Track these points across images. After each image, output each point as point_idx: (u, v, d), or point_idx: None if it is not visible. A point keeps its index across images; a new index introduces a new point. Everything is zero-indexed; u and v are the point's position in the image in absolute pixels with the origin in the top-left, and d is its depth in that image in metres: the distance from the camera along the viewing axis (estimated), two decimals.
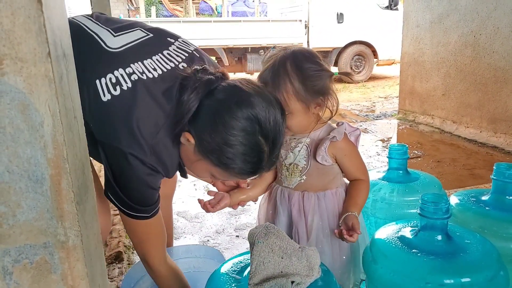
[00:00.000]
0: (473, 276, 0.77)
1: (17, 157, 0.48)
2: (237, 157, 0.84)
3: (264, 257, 0.74)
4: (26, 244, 0.51)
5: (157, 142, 0.86)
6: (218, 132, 0.83)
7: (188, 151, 0.91)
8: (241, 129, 0.83)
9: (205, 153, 0.86)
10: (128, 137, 0.83)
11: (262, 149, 0.85)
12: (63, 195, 0.51)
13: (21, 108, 0.47)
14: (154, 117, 0.86)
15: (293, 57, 0.99)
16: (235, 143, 0.83)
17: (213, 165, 0.88)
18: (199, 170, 0.95)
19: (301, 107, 1.00)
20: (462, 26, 3.57)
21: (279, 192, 1.12)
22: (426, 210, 0.84)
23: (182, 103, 0.86)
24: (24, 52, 0.45)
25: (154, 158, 0.86)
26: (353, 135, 1.07)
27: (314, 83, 0.99)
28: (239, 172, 0.87)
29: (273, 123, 0.86)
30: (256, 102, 0.84)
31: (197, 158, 0.90)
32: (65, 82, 0.52)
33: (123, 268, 1.61)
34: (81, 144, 0.58)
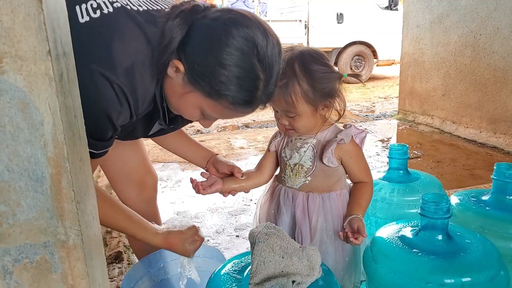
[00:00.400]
0: (474, 276, 0.77)
1: (17, 156, 0.48)
2: (231, 81, 0.78)
3: (265, 256, 0.74)
4: (26, 243, 0.51)
5: (133, 67, 0.79)
6: (212, 50, 0.77)
7: (176, 84, 0.84)
8: (236, 48, 0.77)
9: (196, 79, 0.80)
10: (101, 55, 0.77)
11: (257, 75, 0.80)
12: (64, 194, 0.51)
13: (21, 106, 0.47)
14: (134, 41, 0.80)
15: (301, 58, 0.97)
16: (230, 64, 0.77)
17: (204, 96, 0.82)
18: (187, 106, 0.87)
19: (309, 109, 0.99)
20: (462, 26, 3.57)
21: (283, 192, 1.11)
22: (427, 210, 0.84)
23: (167, 30, 0.80)
24: (24, 50, 0.45)
25: (125, 81, 0.79)
26: (358, 137, 1.07)
27: (323, 85, 0.97)
28: (232, 101, 0.81)
29: (270, 50, 0.81)
30: (253, 25, 0.79)
31: (186, 90, 0.83)
32: (65, 81, 0.52)
33: (123, 268, 1.61)
34: (82, 143, 0.58)
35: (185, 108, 0.89)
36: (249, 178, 1.15)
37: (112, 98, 0.78)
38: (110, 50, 0.77)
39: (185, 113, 0.91)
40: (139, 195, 1.28)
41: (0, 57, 0.45)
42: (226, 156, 3.27)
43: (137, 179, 1.27)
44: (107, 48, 0.77)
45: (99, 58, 0.76)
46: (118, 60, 0.78)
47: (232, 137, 3.96)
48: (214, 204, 2.32)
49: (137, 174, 1.27)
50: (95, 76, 0.75)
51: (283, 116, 1.02)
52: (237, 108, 0.84)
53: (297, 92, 0.96)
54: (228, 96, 0.80)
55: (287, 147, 1.11)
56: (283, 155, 1.12)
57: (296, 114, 0.99)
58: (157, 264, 1.16)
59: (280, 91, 0.95)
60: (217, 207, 2.29)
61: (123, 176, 1.26)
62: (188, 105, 0.87)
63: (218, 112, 0.86)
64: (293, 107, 0.97)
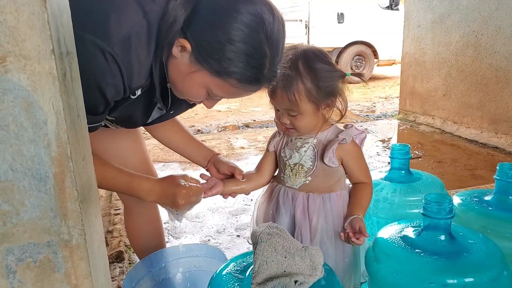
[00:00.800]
0: (477, 276, 0.77)
1: (20, 155, 0.48)
2: (240, 58, 0.78)
3: (267, 256, 0.73)
4: (30, 242, 0.51)
5: (129, 39, 0.78)
6: (220, 27, 0.77)
7: (181, 64, 0.84)
8: (245, 24, 0.77)
9: (204, 57, 0.80)
10: (95, 24, 0.76)
11: (265, 51, 0.80)
12: (67, 194, 0.51)
13: (25, 105, 0.47)
14: (131, 12, 0.80)
15: (304, 57, 0.97)
16: (239, 40, 0.77)
17: (211, 75, 0.81)
18: (192, 86, 0.86)
19: (312, 108, 0.98)
20: (463, 26, 3.57)
21: (282, 192, 1.10)
22: (429, 210, 0.84)
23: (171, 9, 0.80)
24: (28, 49, 0.45)
25: (120, 52, 0.77)
26: (358, 138, 1.06)
27: (326, 84, 0.97)
28: (240, 79, 0.81)
29: (276, 27, 0.81)
30: (259, 1, 0.80)
31: (192, 70, 0.83)
32: (68, 80, 0.52)
33: (124, 268, 1.61)
34: (85, 143, 0.58)
35: (190, 88, 0.87)
36: (250, 180, 1.14)
37: (104, 68, 0.77)
38: (106, 19, 0.76)
39: (190, 94, 0.90)
40: None
41: (4, 56, 0.45)
42: (226, 156, 3.27)
43: None
44: (102, 17, 0.76)
45: (93, 26, 0.75)
46: (114, 29, 0.77)
47: (233, 137, 3.96)
48: (214, 204, 2.32)
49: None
50: (87, 44, 0.74)
51: (284, 115, 1.02)
52: (244, 86, 0.84)
53: (300, 91, 0.95)
54: (236, 73, 0.80)
55: (287, 147, 1.10)
56: (283, 155, 1.11)
57: (298, 112, 0.98)
58: (158, 264, 1.16)
59: (283, 89, 0.95)
60: (217, 207, 2.29)
61: None
62: (194, 85, 0.86)
63: (225, 91, 0.86)
64: (296, 105, 0.97)
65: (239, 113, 5.37)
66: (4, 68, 0.45)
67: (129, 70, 0.81)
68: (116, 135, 1.18)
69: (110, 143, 1.19)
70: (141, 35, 0.81)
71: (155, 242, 1.33)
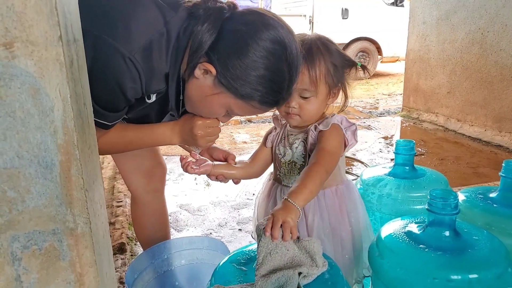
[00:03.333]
0: (481, 273, 0.77)
1: (27, 142, 0.48)
2: (263, 84, 0.83)
3: (271, 249, 0.73)
4: (35, 230, 0.51)
5: (151, 45, 0.82)
6: (247, 55, 0.80)
7: (203, 86, 0.87)
8: (269, 52, 0.81)
9: (229, 82, 0.83)
10: (117, 28, 0.78)
11: (285, 76, 0.85)
12: (73, 182, 0.51)
13: (32, 92, 0.46)
14: (153, 19, 0.83)
15: (321, 40, 0.99)
16: (262, 67, 0.81)
17: (234, 97, 0.86)
18: (213, 105, 0.90)
19: (325, 91, 0.99)
20: (469, 23, 3.54)
21: (279, 191, 1.09)
22: (434, 205, 0.83)
23: (196, 33, 0.83)
24: (36, 35, 0.45)
25: (140, 58, 0.81)
26: (349, 130, 1.03)
27: (342, 69, 0.99)
28: (260, 101, 0.86)
29: (295, 50, 0.85)
30: (279, 26, 0.84)
31: (215, 92, 0.87)
32: (75, 67, 0.51)
33: (126, 259, 1.62)
34: (90, 131, 0.58)
35: (210, 107, 0.91)
36: (243, 166, 1.12)
37: (124, 71, 0.80)
38: (128, 25, 0.79)
39: (209, 112, 0.94)
40: (147, 185, 1.28)
41: (11, 42, 0.44)
42: (228, 150, 3.27)
43: (146, 169, 1.28)
44: (124, 22, 0.79)
45: (115, 31, 0.78)
46: (135, 36, 0.80)
47: (235, 131, 3.96)
48: (216, 198, 2.32)
49: (146, 164, 1.28)
50: (109, 48, 0.77)
51: (295, 98, 0.97)
52: (264, 107, 0.89)
53: (322, 69, 0.96)
54: (258, 96, 0.85)
55: (281, 144, 1.09)
56: (277, 152, 1.09)
57: (312, 94, 0.97)
58: (161, 256, 1.16)
59: (306, 65, 0.95)
60: (219, 200, 2.29)
61: (132, 165, 1.26)
62: (215, 104, 0.90)
63: (245, 111, 0.91)
64: (314, 85, 0.96)
65: None
66: (12, 53, 0.44)
67: (148, 75, 0.84)
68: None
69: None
70: (161, 43, 0.84)
71: (160, 233, 1.33)
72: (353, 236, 1.08)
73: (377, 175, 1.29)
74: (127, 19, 0.79)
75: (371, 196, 1.24)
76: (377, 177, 1.28)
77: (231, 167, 1.09)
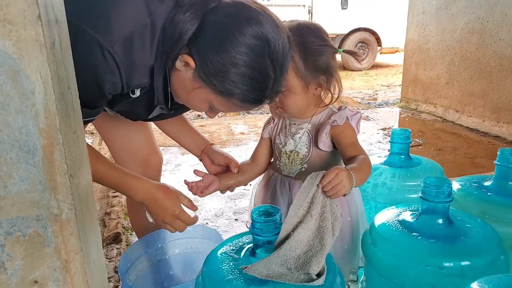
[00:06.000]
0: (473, 260, 0.76)
1: (7, 126, 0.47)
2: (244, 82, 0.79)
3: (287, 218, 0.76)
4: (19, 216, 0.50)
5: (132, 37, 0.77)
6: (226, 50, 0.76)
7: (185, 78, 0.84)
8: (250, 47, 0.76)
9: (208, 77, 0.80)
10: (97, 19, 0.74)
11: (269, 74, 0.80)
12: (56, 167, 0.50)
13: (11, 74, 0.45)
14: (135, 9, 0.78)
15: (297, 30, 0.94)
16: (243, 64, 0.77)
17: (214, 93, 0.82)
18: (196, 100, 0.87)
19: (300, 84, 0.95)
20: (469, 12, 3.51)
21: (279, 181, 1.09)
22: (428, 193, 0.83)
23: (178, 22, 0.78)
24: (13, 14, 0.43)
25: (120, 50, 0.76)
26: (354, 119, 1.02)
27: (315, 58, 0.94)
28: (242, 100, 0.82)
29: (281, 47, 0.80)
30: (265, 21, 0.78)
31: (196, 86, 0.83)
32: (57, 49, 0.50)
33: (121, 249, 1.62)
34: (75, 116, 0.56)
35: (193, 101, 0.89)
36: (245, 171, 1.13)
37: (102, 64, 0.76)
38: (108, 15, 0.75)
39: (193, 105, 0.92)
40: (143, 174, 1.26)
41: None
42: (226, 141, 3.26)
43: (142, 158, 1.26)
44: (104, 13, 0.75)
45: (95, 21, 0.74)
46: (115, 27, 0.75)
47: (233, 122, 3.95)
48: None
49: (142, 153, 1.26)
50: (87, 39, 0.73)
51: None
52: (246, 105, 0.85)
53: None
54: (239, 94, 0.81)
55: (281, 133, 1.07)
56: (278, 141, 1.08)
57: (286, 88, 0.95)
58: (154, 245, 1.15)
59: None
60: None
61: (128, 154, 1.25)
62: (197, 99, 0.87)
63: (226, 107, 0.87)
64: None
65: None
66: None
67: (128, 68, 0.80)
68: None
69: (116, 121, 1.18)
70: (144, 35, 0.80)
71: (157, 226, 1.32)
72: (352, 227, 1.08)
73: (373, 164, 1.27)
74: (108, 9, 0.75)
75: (366, 185, 1.24)
76: (372, 166, 1.27)
77: (235, 176, 1.10)
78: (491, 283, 0.58)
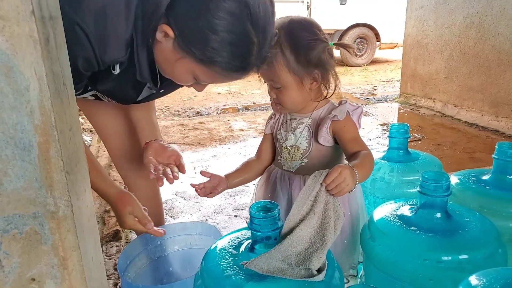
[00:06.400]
0: (471, 254, 0.77)
1: (2, 123, 0.46)
2: (224, 48, 0.75)
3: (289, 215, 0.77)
4: (15, 213, 0.50)
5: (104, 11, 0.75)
6: (202, 15, 0.73)
7: (166, 50, 0.81)
8: (228, 11, 0.73)
9: (187, 45, 0.77)
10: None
11: (251, 39, 0.77)
12: (52, 164, 0.49)
13: (5, 70, 0.45)
14: None
15: (288, 25, 0.94)
16: (222, 29, 0.74)
17: (196, 62, 0.79)
18: (180, 72, 0.85)
19: (294, 80, 0.95)
20: (467, 7, 3.50)
21: (279, 175, 1.09)
22: (426, 187, 0.83)
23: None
24: (6, 10, 0.43)
25: (91, 24, 0.74)
26: (355, 114, 1.02)
27: (306, 53, 0.93)
28: (225, 68, 0.79)
29: (262, 9, 0.77)
30: None
31: (178, 56, 0.80)
32: (52, 46, 0.49)
33: (121, 246, 1.62)
34: (71, 112, 0.56)
35: (177, 74, 0.86)
36: (251, 168, 1.14)
37: (73, 38, 0.72)
38: None
39: (177, 78, 0.89)
40: (139, 171, 1.26)
41: None
42: (225, 138, 3.25)
43: (137, 154, 1.24)
44: None
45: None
46: (86, 0, 0.73)
47: (232, 119, 3.94)
48: None
49: (137, 149, 1.25)
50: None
51: (271, 88, 1.00)
52: (231, 74, 0.82)
53: (279, 60, 0.93)
54: (220, 62, 0.78)
55: (282, 129, 1.08)
56: (279, 137, 1.09)
57: (280, 84, 0.96)
58: (154, 242, 1.16)
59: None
60: None
61: (123, 150, 1.24)
62: (180, 71, 0.84)
63: (211, 78, 0.84)
64: (276, 76, 0.94)
65: (239, 96, 5.33)
66: None
67: (101, 42, 0.77)
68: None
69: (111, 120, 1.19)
70: (118, 7, 0.78)
71: (154, 219, 1.32)
72: (352, 222, 1.08)
73: None
74: None
75: None
76: None
77: (242, 173, 1.12)
78: (489, 276, 0.58)
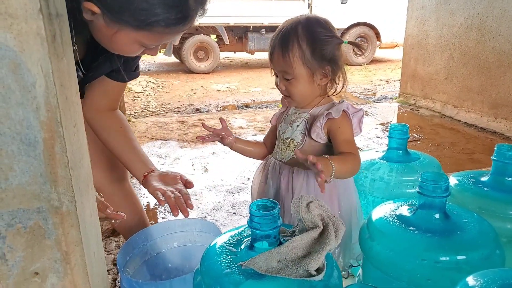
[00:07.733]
0: (469, 254, 0.77)
1: (8, 119, 0.47)
2: (154, 5, 0.71)
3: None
4: (20, 208, 0.50)
5: None
6: None
7: (100, 27, 0.77)
8: None
9: (117, 17, 0.73)
10: None
11: None
12: (57, 160, 0.50)
13: (12, 67, 0.45)
14: None
15: (306, 21, 1.00)
16: None
17: (135, 30, 0.75)
18: (122, 44, 0.81)
19: (306, 73, 0.99)
20: (468, 8, 3.50)
21: (272, 164, 1.13)
22: (425, 188, 0.83)
23: None
24: (14, 7, 0.43)
25: None
26: (356, 116, 1.03)
27: (322, 47, 0.98)
28: (166, 24, 0.74)
29: None
30: None
31: (114, 31, 0.77)
32: (58, 43, 0.50)
33: (120, 242, 1.62)
34: (76, 109, 0.57)
35: (122, 47, 0.82)
36: (257, 146, 1.21)
37: None
38: None
39: (125, 51, 0.85)
40: (110, 176, 1.23)
41: None
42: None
43: (106, 160, 1.22)
44: None
45: None
46: None
47: (232, 116, 3.94)
48: (212, 182, 2.32)
49: (105, 155, 1.21)
50: None
51: (281, 80, 1.03)
52: (174, 28, 0.78)
53: (295, 51, 0.97)
54: (158, 21, 0.74)
55: (284, 121, 1.12)
56: (279, 128, 1.13)
57: (292, 76, 0.99)
58: (153, 238, 1.16)
59: (280, 49, 0.98)
60: (215, 185, 2.29)
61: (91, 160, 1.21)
62: (123, 43, 0.80)
63: (157, 39, 0.80)
64: (290, 67, 0.98)
65: (239, 93, 5.33)
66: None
67: None
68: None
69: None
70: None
71: (136, 217, 1.30)
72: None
73: (370, 159, 1.29)
74: None
75: (364, 179, 1.25)
76: (370, 161, 1.28)
77: (250, 144, 1.19)
78: (487, 277, 0.58)
